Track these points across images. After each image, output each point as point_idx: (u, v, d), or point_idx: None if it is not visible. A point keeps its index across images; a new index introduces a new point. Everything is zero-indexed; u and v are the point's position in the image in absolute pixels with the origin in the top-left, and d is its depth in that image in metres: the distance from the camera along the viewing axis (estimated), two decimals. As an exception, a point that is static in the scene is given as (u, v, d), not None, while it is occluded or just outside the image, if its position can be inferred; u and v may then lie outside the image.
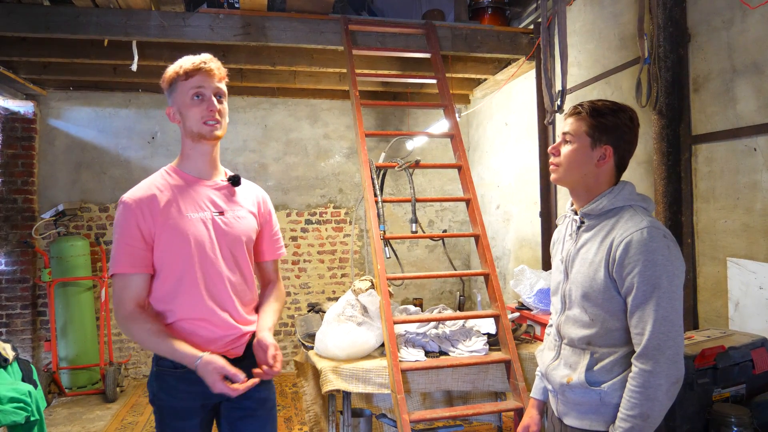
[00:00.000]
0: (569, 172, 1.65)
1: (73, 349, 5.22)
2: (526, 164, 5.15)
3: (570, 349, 1.65)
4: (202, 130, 1.82)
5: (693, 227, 3.03)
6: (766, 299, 2.54)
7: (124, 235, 1.76)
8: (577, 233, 1.67)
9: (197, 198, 1.85)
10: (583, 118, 1.62)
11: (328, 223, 6.42)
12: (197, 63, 1.82)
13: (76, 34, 3.81)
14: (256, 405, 1.92)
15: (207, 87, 1.81)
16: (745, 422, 1.76)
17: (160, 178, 1.87)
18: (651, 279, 1.45)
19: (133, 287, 1.77)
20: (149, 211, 1.77)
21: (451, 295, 6.72)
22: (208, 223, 1.83)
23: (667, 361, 1.42)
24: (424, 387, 3.06)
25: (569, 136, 1.64)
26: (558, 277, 1.74)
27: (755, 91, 2.66)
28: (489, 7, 4.75)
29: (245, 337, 1.89)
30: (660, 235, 1.49)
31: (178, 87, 1.83)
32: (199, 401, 1.83)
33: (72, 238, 5.30)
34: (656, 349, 1.43)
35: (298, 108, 6.34)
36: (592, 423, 1.58)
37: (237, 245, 1.88)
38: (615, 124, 1.60)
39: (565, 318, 1.67)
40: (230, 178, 1.95)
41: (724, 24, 2.81)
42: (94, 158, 5.76)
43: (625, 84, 3.53)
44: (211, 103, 1.81)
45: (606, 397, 1.54)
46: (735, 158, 2.77)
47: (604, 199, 1.61)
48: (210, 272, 1.81)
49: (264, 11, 4.03)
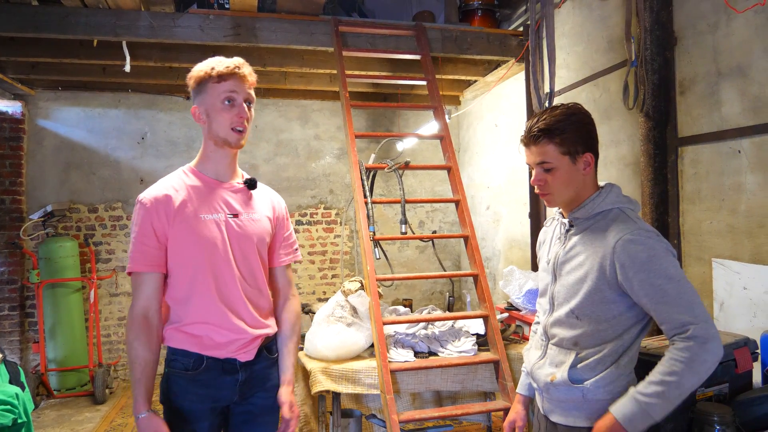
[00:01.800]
0: (563, 194, 1.65)
1: (62, 350, 5.19)
2: (515, 165, 5.18)
3: (557, 348, 1.67)
4: (229, 137, 1.80)
5: (679, 228, 3.07)
6: (750, 299, 2.57)
7: (139, 234, 1.75)
8: (565, 236, 1.69)
9: (213, 200, 1.83)
10: (545, 143, 1.60)
11: (318, 224, 6.42)
12: (231, 67, 1.77)
13: (64, 34, 3.79)
14: (261, 411, 1.92)
15: (239, 93, 1.78)
16: (727, 420, 1.78)
17: (177, 178, 1.86)
18: (658, 272, 1.47)
19: (145, 287, 1.76)
20: (164, 211, 1.76)
21: (441, 296, 6.74)
22: (222, 225, 1.82)
23: (716, 342, 1.43)
24: (414, 387, 3.07)
25: (547, 164, 1.61)
26: (546, 278, 1.75)
27: (740, 94, 2.69)
28: (479, 9, 4.77)
29: (257, 340, 1.87)
30: (652, 234, 1.53)
31: (209, 89, 1.78)
32: (209, 404, 1.82)
33: (61, 239, 5.27)
34: (705, 329, 1.43)
35: (289, 109, 6.34)
36: (576, 420, 1.60)
37: (250, 248, 1.87)
38: (577, 129, 1.60)
39: (553, 319, 1.69)
40: (246, 181, 1.92)
41: (710, 28, 2.85)
42: (83, 159, 5.73)
43: (613, 86, 3.56)
44: (243, 110, 1.79)
45: (588, 394, 1.56)
46: (720, 160, 2.81)
47: (592, 203, 1.63)
48: (222, 274, 1.80)
49: (254, 12, 4.03)
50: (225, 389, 1.83)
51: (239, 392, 1.86)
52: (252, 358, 1.85)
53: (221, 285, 1.80)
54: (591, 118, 1.65)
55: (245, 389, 1.87)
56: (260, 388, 1.91)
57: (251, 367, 1.85)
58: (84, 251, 5.58)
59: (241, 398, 1.88)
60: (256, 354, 1.87)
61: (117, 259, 5.83)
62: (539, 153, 1.61)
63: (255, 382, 1.89)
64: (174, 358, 1.81)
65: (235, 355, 1.82)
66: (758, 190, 2.60)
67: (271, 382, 1.94)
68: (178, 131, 5.99)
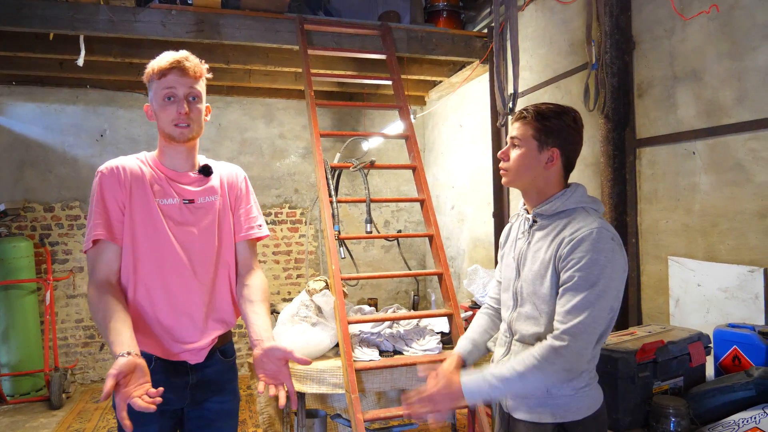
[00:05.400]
0: (519, 175, 1.69)
1: (16, 354, 5.02)
2: (480, 165, 5.24)
3: (521, 344, 1.69)
4: (173, 133, 1.76)
5: (637, 227, 3.15)
6: (704, 296, 2.66)
7: (98, 204, 1.70)
8: (529, 232, 1.72)
9: (167, 187, 1.80)
10: (528, 122, 1.66)
11: (283, 224, 6.37)
12: (171, 61, 1.74)
13: (19, 26, 3.65)
14: (217, 416, 1.86)
15: (179, 88, 1.74)
16: (682, 413, 1.84)
17: (135, 160, 1.82)
18: (589, 276, 1.50)
19: (105, 256, 1.69)
20: (124, 182, 1.73)
21: (406, 295, 6.77)
22: (175, 210, 1.78)
23: (574, 353, 1.48)
24: (379, 386, 3.08)
25: (517, 140, 1.68)
26: (510, 274, 1.78)
27: (694, 98, 2.78)
28: (444, 10, 4.81)
29: (208, 341, 1.80)
30: (608, 237, 1.54)
31: (153, 86, 1.77)
32: (158, 406, 1.77)
33: (15, 239, 5.09)
34: (573, 336, 1.48)
35: (253, 107, 6.28)
36: (540, 416, 1.62)
37: (205, 236, 1.81)
38: (560, 126, 1.65)
39: (517, 314, 1.71)
40: (201, 169, 1.88)
41: (666, 33, 2.94)
42: (38, 156, 5.56)
43: (575, 89, 3.64)
44: (182, 105, 1.74)
45: (553, 390, 1.59)
46: (676, 161, 2.90)
47: (557, 201, 1.66)
48: (170, 265, 1.74)
49: (218, 8, 3.97)
50: (174, 391, 1.76)
51: (191, 396, 1.81)
52: (202, 360, 1.80)
53: (168, 276, 1.75)
54: (578, 125, 1.68)
55: (197, 393, 1.82)
56: (214, 393, 1.85)
57: (202, 370, 1.80)
58: (39, 252, 5.41)
59: (194, 403, 1.82)
60: (208, 356, 1.82)
61: (74, 260, 5.67)
62: (517, 129, 1.69)
63: (208, 386, 1.83)
64: None
65: (186, 357, 1.76)
66: (711, 190, 2.69)
67: (228, 386, 1.89)
68: (138, 128, 5.86)
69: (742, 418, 1.79)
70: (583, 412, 1.60)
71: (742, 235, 2.53)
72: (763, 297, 2.37)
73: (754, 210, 2.48)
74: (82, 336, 5.70)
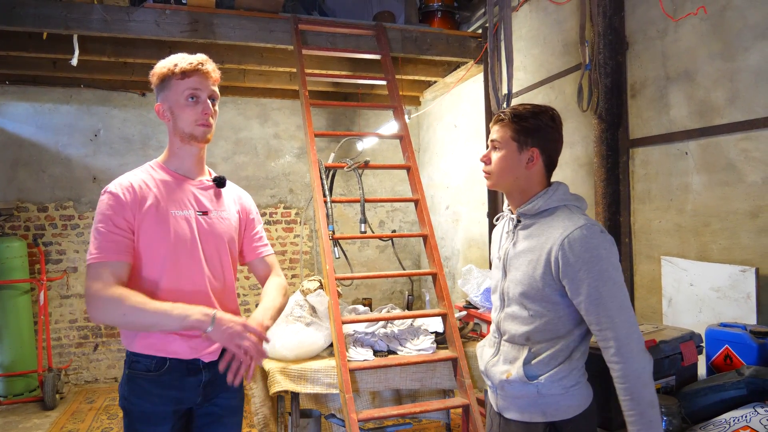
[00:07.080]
0: (501, 177, 1.71)
1: (9, 355, 4.99)
2: (474, 165, 5.24)
3: (509, 345, 1.70)
4: (195, 132, 1.79)
5: (630, 227, 3.17)
6: (696, 295, 2.67)
7: (108, 224, 1.68)
8: (514, 232, 1.73)
9: (182, 196, 1.81)
10: (506, 124, 1.68)
11: (278, 224, 6.37)
12: (195, 63, 1.78)
13: (12, 25, 3.64)
14: (224, 412, 1.90)
15: (203, 89, 1.79)
16: (673, 411, 1.85)
17: (144, 173, 1.82)
18: (600, 273, 1.51)
19: (115, 271, 1.66)
20: (133, 202, 1.72)
21: (401, 295, 6.78)
22: (192, 221, 1.80)
23: (634, 340, 1.51)
24: (373, 386, 3.08)
25: (497, 143, 1.70)
26: (497, 275, 1.79)
27: (687, 98, 2.80)
28: (439, 10, 4.82)
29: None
30: (598, 231, 1.56)
31: (172, 85, 1.78)
32: (171, 406, 1.78)
33: (8, 239, 5.06)
34: (627, 337, 1.50)
35: (248, 107, 6.27)
36: (531, 416, 1.63)
37: (220, 246, 1.86)
38: (537, 126, 1.66)
39: (505, 315, 1.72)
40: (215, 179, 1.92)
41: (659, 33, 2.95)
42: (32, 156, 5.53)
43: (568, 89, 3.65)
44: (207, 106, 1.79)
45: (543, 389, 1.59)
46: (668, 161, 2.91)
47: (540, 200, 1.67)
48: (190, 272, 1.78)
49: (212, 8, 3.97)
50: (188, 390, 1.80)
51: (203, 393, 1.84)
52: (216, 358, 1.83)
53: (189, 284, 1.78)
54: (556, 123, 1.70)
55: (209, 390, 1.85)
56: (223, 389, 1.88)
57: (215, 367, 1.82)
58: (33, 252, 5.39)
59: (205, 400, 1.86)
60: (221, 354, 1.84)
61: (68, 260, 5.65)
62: (497, 131, 1.70)
63: (219, 382, 1.86)
64: (136, 360, 1.76)
65: (199, 355, 1.79)
66: (704, 190, 2.70)
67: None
68: (132, 128, 5.84)
69: (733, 416, 1.80)
70: (574, 410, 1.61)
71: (734, 235, 2.54)
72: (755, 296, 2.38)
73: (746, 210, 2.49)
74: (76, 336, 5.68)
